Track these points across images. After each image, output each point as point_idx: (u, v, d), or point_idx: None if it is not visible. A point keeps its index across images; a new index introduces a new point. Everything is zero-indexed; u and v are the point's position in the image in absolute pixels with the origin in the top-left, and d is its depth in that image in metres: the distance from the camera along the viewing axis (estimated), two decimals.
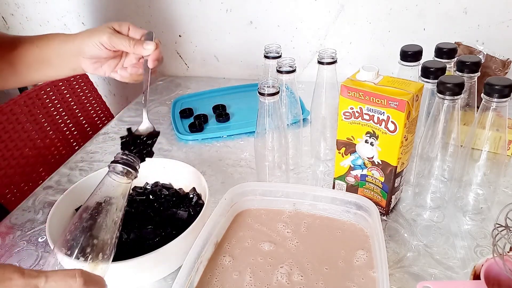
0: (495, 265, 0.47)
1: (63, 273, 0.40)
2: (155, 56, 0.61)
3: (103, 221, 0.48)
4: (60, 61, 0.64)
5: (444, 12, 1.02)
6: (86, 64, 0.63)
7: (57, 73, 0.66)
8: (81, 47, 0.61)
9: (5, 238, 0.70)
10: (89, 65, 0.63)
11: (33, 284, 0.38)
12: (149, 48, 0.60)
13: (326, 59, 0.71)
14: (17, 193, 0.92)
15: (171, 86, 1.25)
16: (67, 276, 0.40)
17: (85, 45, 0.61)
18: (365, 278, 0.54)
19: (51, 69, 0.65)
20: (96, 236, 0.47)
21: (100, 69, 0.64)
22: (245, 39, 1.21)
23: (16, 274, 0.38)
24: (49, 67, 0.65)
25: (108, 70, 0.64)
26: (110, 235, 0.48)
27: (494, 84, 0.55)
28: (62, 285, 0.39)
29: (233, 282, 0.55)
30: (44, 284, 0.39)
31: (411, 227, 0.66)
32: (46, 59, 0.64)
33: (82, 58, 0.62)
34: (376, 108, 0.59)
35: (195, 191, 0.68)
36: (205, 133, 0.96)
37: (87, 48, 0.60)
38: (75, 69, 0.65)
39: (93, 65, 0.63)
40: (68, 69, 0.66)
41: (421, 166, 0.67)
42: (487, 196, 0.67)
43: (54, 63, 0.64)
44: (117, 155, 0.52)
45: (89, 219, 0.48)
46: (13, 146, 0.94)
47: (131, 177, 0.52)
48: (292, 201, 0.66)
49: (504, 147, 0.61)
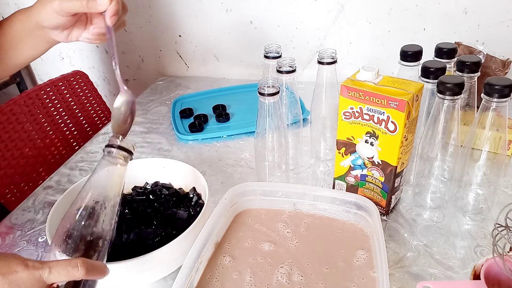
0: (495, 265, 0.47)
1: (66, 263, 0.41)
2: (112, 10, 0.54)
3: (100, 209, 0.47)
4: (30, 39, 0.61)
5: (444, 12, 1.02)
6: (55, 34, 0.60)
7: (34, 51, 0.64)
8: (39, 20, 0.58)
9: (5, 238, 0.70)
10: (57, 34, 0.60)
11: (37, 275, 0.39)
12: (103, 2, 0.53)
13: (326, 59, 0.71)
14: (17, 193, 0.92)
15: (171, 86, 1.25)
16: (69, 266, 0.40)
17: (41, 17, 0.57)
18: (365, 278, 0.54)
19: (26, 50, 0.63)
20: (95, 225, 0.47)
21: (71, 36, 0.61)
22: (245, 39, 1.21)
23: (21, 267, 0.39)
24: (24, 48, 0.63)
25: (79, 35, 0.61)
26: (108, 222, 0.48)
27: (494, 84, 0.55)
28: (65, 275, 0.40)
29: (233, 282, 0.55)
30: (48, 275, 0.39)
31: (411, 227, 0.66)
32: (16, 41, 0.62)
33: (47, 30, 0.59)
34: (376, 108, 0.59)
35: (195, 191, 0.68)
36: (205, 133, 0.96)
37: (43, 20, 0.57)
38: (49, 42, 0.62)
39: (61, 34, 0.60)
40: (42, 44, 0.63)
41: (421, 166, 0.67)
42: (487, 196, 0.67)
43: (26, 43, 0.62)
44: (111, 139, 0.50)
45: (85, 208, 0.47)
46: (13, 146, 0.94)
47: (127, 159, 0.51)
48: (292, 201, 0.66)
49: (504, 147, 0.61)
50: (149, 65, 1.37)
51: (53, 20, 0.56)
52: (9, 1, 1.35)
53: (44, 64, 1.47)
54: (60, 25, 0.58)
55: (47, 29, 0.59)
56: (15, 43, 0.62)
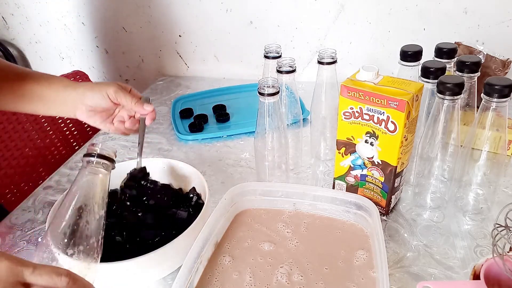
0: (495, 265, 0.47)
1: (51, 269, 0.40)
2: (153, 116, 0.70)
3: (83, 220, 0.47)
4: (57, 103, 0.68)
5: (444, 12, 1.02)
6: (82, 111, 0.68)
7: (46, 111, 0.70)
8: (84, 95, 0.67)
9: (5, 238, 0.70)
10: (84, 112, 0.68)
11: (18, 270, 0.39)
12: (148, 109, 0.68)
13: (326, 59, 0.71)
14: (17, 193, 0.92)
15: (171, 86, 1.25)
16: (54, 272, 0.40)
17: (88, 94, 0.66)
18: (365, 278, 0.54)
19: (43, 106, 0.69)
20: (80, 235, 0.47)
21: (92, 118, 0.69)
22: (245, 39, 1.21)
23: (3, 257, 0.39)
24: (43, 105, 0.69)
25: (99, 120, 0.69)
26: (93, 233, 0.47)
27: (494, 84, 0.55)
28: (46, 280, 0.39)
29: (233, 282, 0.55)
30: (30, 274, 0.39)
31: (411, 227, 0.65)
32: (43, 97, 0.68)
33: (81, 105, 0.67)
34: (376, 108, 0.59)
35: (195, 191, 0.68)
36: (205, 133, 0.96)
37: (90, 97, 0.66)
38: (66, 113, 0.70)
39: (87, 113, 0.68)
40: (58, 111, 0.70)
41: (421, 166, 0.67)
42: (487, 196, 0.67)
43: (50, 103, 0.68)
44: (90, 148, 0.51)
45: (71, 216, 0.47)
46: (13, 146, 0.94)
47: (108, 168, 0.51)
48: (292, 201, 0.66)
49: (504, 147, 0.61)
50: (149, 65, 1.37)
51: (99, 100, 0.66)
52: (9, 1, 1.35)
53: (44, 64, 1.47)
54: (98, 106, 0.67)
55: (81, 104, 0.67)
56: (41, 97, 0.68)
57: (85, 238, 0.47)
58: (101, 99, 0.66)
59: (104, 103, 0.67)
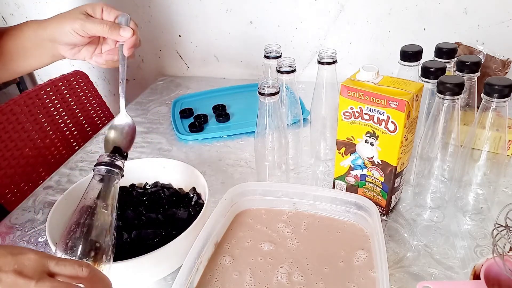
0: (495, 265, 0.47)
1: (73, 261, 0.43)
2: (131, 43, 0.58)
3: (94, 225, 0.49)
4: (38, 50, 0.63)
5: (444, 12, 1.02)
6: (64, 50, 0.62)
7: (38, 62, 0.65)
8: (54, 35, 0.59)
9: (5, 238, 0.70)
10: (66, 51, 0.62)
11: (44, 261, 0.40)
12: (125, 34, 0.57)
13: (326, 59, 0.71)
14: (17, 193, 0.92)
15: (171, 86, 1.25)
16: (76, 263, 0.42)
17: (58, 32, 0.59)
18: (365, 278, 0.54)
19: (31, 59, 0.64)
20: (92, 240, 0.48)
21: (79, 54, 0.63)
22: (245, 39, 1.21)
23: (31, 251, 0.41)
24: (29, 57, 0.64)
25: (88, 55, 0.63)
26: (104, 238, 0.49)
27: (494, 84, 0.55)
28: (70, 270, 0.41)
29: (233, 282, 0.55)
30: (54, 265, 0.41)
31: (411, 227, 0.65)
32: (23, 49, 0.63)
33: (58, 45, 0.61)
34: (376, 108, 0.59)
35: (195, 191, 0.68)
36: (205, 133, 0.96)
37: (60, 35, 0.59)
38: (54, 56, 0.64)
39: (70, 51, 0.62)
40: (47, 57, 0.65)
41: (421, 166, 0.67)
42: (487, 196, 0.67)
43: (32, 53, 0.63)
44: (100, 157, 0.52)
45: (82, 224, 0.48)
46: (13, 146, 0.94)
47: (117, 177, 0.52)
48: (292, 201, 0.66)
49: (504, 147, 0.61)
50: (149, 65, 1.37)
51: (68, 37, 0.58)
52: (9, 1, 1.35)
53: None
54: (73, 43, 0.60)
55: (58, 44, 0.61)
56: (24, 50, 0.63)
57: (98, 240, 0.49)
58: (71, 37, 0.58)
59: (77, 40, 0.59)
